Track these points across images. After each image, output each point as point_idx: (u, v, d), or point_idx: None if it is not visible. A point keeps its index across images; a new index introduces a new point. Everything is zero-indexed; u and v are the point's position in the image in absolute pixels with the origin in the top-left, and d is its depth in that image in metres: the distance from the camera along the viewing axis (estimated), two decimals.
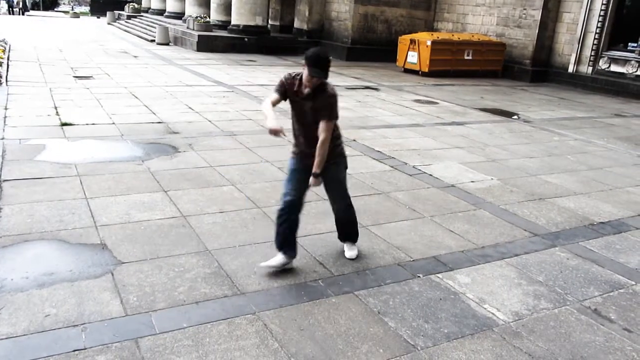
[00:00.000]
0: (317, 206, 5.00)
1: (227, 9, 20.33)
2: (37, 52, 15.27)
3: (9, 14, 36.29)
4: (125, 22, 28.87)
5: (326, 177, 3.79)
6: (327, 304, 3.44)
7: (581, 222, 5.22)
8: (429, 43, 15.71)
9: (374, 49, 19.21)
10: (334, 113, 3.58)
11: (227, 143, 7.05)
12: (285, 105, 3.75)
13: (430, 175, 6.32)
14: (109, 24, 30.83)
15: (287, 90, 3.60)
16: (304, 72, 3.47)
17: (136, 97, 9.67)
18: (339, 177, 3.92)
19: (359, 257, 4.10)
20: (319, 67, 3.40)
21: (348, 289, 3.64)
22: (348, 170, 4.01)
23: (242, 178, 5.71)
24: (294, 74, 3.62)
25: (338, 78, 14.27)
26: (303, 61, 3.45)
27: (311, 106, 3.56)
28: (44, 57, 14.42)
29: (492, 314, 3.48)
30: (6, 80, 10.32)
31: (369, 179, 5.98)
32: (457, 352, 3.05)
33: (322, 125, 3.54)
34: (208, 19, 20.53)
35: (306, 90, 3.51)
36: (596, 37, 15.30)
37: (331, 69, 3.50)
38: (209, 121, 8.21)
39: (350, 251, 4.12)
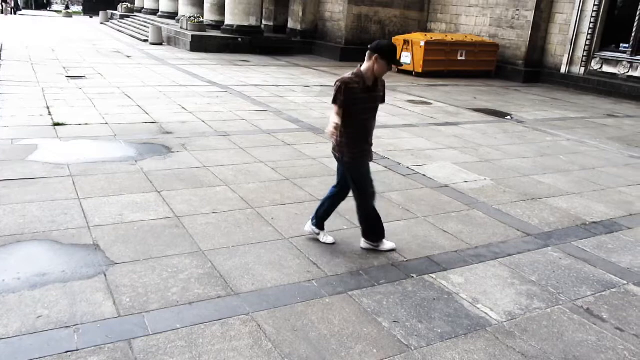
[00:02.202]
0: (309, 206, 5.00)
1: (220, 9, 20.30)
2: (29, 52, 15.18)
3: (1, 13, 36.05)
4: (119, 21, 28.77)
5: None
6: (320, 304, 3.44)
7: (574, 222, 5.25)
8: (422, 44, 15.74)
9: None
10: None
11: (220, 143, 7.04)
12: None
13: (424, 175, 6.34)
14: (101, 23, 30.73)
15: (348, 95, 3.75)
16: (375, 65, 3.70)
17: (129, 97, 9.63)
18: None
19: (352, 256, 4.10)
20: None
21: (342, 289, 3.64)
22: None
23: (235, 178, 5.70)
24: (348, 78, 3.77)
25: (331, 78, 14.24)
26: (375, 54, 3.68)
27: (377, 95, 3.92)
28: (36, 56, 14.33)
29: (486, 313, 3.49)
30: None
31: None
32: (451, 352, 3.06)
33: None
34: (202, 19, 20.49)
35: (371, 82, 3.80)
36: (588, 37, 15.38)
37: (325, 69, 3.54)
38: (203, 121, 8.19)
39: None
